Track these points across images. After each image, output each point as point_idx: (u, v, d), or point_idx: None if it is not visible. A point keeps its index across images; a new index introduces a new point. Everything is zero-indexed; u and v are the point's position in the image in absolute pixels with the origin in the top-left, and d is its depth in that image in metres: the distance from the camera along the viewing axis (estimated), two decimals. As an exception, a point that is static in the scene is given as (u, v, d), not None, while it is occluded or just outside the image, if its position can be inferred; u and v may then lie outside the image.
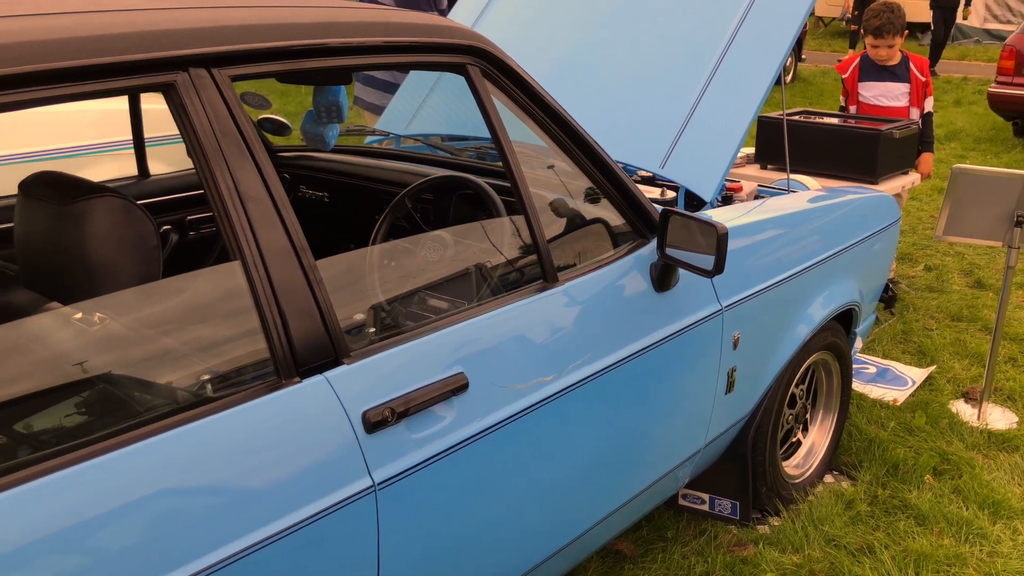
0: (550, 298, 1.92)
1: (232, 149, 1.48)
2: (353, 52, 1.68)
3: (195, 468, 1.37)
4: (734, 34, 2.73)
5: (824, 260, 2.73)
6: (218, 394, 1.46)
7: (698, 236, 2.04)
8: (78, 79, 1.34)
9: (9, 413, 1.41)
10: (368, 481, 1.54)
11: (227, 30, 1.51)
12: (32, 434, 1.41)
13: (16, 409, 1.41)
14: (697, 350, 2.28)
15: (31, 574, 1.18)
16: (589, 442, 2.00)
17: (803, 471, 2.97)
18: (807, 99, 10.80)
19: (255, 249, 1.47)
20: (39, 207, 1.63)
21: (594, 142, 2.05)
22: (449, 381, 1.67)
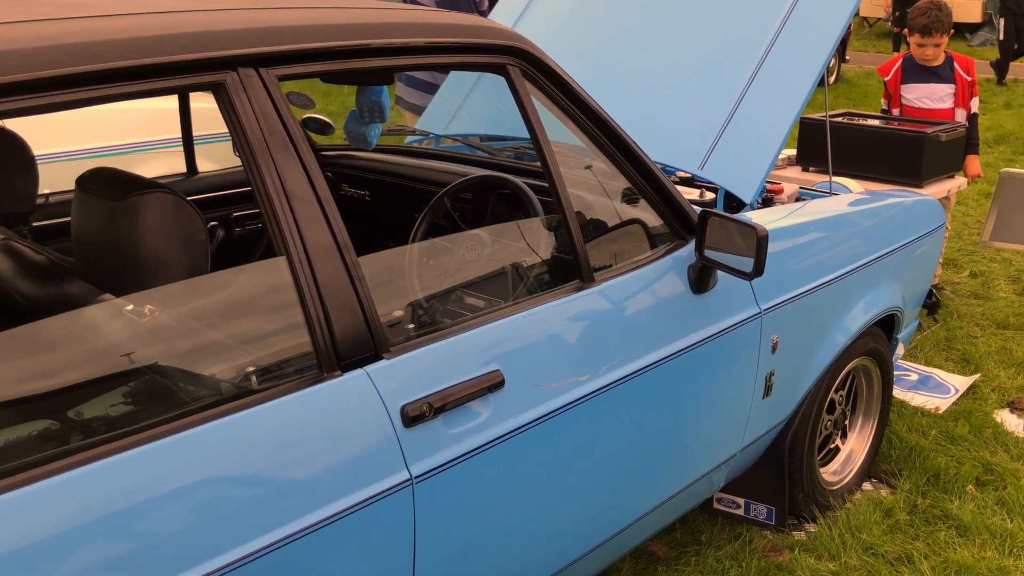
0: (587, 298, 1.93)
1: (279, 147, 1.52)
2: (396, 53, 1.71)
3: (238, 458, 1.40)
4: (777, 34, 2.73)
5: (866, 264, 2.71)
6: (262, 386, 1.50)
7: (737, 238, 2.04)
8: (133, 78, 1.38)
9: (62, 400, 1.46)
10: (406, 474, 1.57)
11: (275, 31, 1.54)
12: (82, 421, 1.46)
13: (68, 396, 1.46)
14: (734, 353, 2.28)
15: (78, 557, 1.22)
16: (623, 443, 2.01)
17: (841, 477, 2.95)
18: (851, 101, 10.68)
19: (300, 245, 1.50)
20: (94, 202, 1.68)
21: (633, 143, 2.06)
22: (485, 378, 1.70)
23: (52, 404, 1.45)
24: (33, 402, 1.46)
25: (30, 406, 1.44)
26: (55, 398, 1.46)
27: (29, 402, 1.46)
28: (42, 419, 1.43)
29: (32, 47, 1.29)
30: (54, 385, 1.47)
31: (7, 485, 1.19)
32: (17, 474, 1.21)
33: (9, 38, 1.28)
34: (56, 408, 1.44)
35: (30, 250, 2.12)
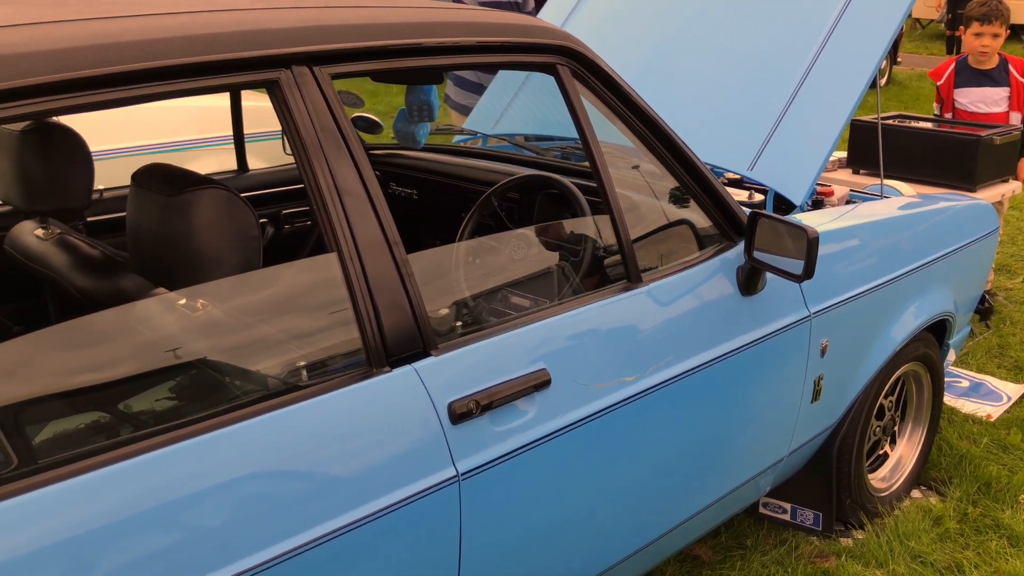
0: (634, 298, 1.93)
1: (331, 145, 1.53)
2: (447, 52, 1.71)
3: (287, 452, 1.42)
4: (829, 34, 2.69)
5: (917, 268, 2.67)
6: (312, 380, 1.51)
7: (787, 240, 2.02)
8: (189, 76, 1.40)
9: (114, 392, 1.49)
10: (452, 471, 1.58)
11: (328, 29, 1.56)
12: (134, 413, 1.48)
13: (121, 388, 1.49)
14: (783, 356, 2.25)
15: (126, 547, 1.24)
16: (669, 445, 2.00)
17: (889, 484, 2.90)
18: (902, 103, 10.51)
19: (351, 242, 1.51)
20: (149, 197, 1.71)
21: (682, 143, 2.05)
22: (532, 377, 1.70)
23: (104, 396, 1.48)
24: (86, 393, 1.48)
25: (83, 397, 1.47)
26: (107, 390, 1.48)
27: (82, 393, 1.48)
28: (94, 410, 1.46)
29: (90, 45, 1.31)
30: (107, 377, 1.50)
31: (59, 475, 1.21)
32: (68, 464, 1.23)
33: (68, 36, 1.31)
34: (108, 400, 1.47)
35: (85, 244, 2.17)
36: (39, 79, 1.25)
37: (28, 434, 1.40)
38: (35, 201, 2.13)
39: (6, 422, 1.38)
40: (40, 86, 1.26)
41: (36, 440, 1.38)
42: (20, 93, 1.24)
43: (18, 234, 2.31)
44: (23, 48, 1.25)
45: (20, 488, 1.18)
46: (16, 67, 1.23)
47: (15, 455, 1.33)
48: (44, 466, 1.23)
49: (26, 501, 1.18)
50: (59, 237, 2.22)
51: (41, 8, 1.41)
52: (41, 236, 2.24)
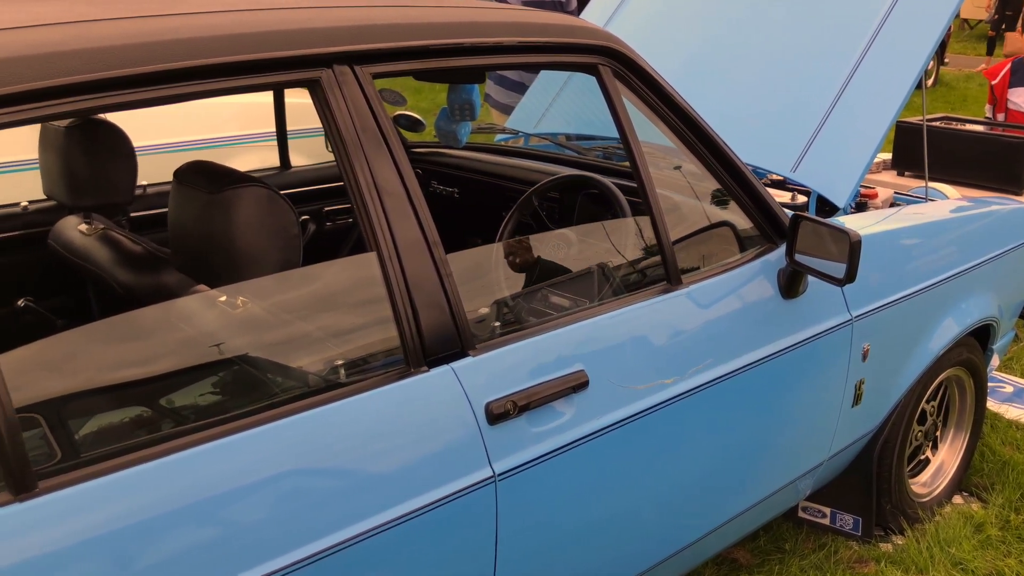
0: (673, 300, 1.91)
1: (371, 144, 1.54)
2: (489, 52, 1.71)
3: (324, 450, 1.42)
4: (875, 34, 2.65)
5: (962, 272, 2.62)
6: (350, 379, 1.52)
7: (829, 243, 2.00)
8: (231, 74, 1.41)
9: (155, 388, 1.51)
10: (489, 472, 1.57)
11: (370, 29, 1.56)
12: (173, 409, 1.50)
13: (160, 384, 1.50)
14: (824, 360, 2.23)
15: (165, 543, 1.25)
16: (708, 448, 1.99)
17: (931, 490, 2.86)
18: (949, 104, 10.35)
19: (390, 241, 1.52)
20: (190, 194, 1.73)
21: (725, 145, 2.03)
22: (570, 378, 1.69)
23: (144, 392, 1.49)
24: (126, 389, 1.50)
25: (123, 393, 1.48)
26: (147, 386, 1.50)
27: (122, 389, 1.50)
28: (134, 406, 1.48)
29: (133, 43, 1.32)
30: (147, 373, 1.52)
31: (99, 471, 1.23)
32: (109, 460, 1.24)
33: (111, 34, 1.32)
34: (148, 396, 1.48)
35: (128, 240, 2.19)
36: (83, 77, 1.26)
37: (70, 428, 1.42)
38: (80, 196, 2.16)
39: (49, 416, 1.40)
40: (84, 84, 1.27)
41: (78, 434, 1.40)
42: (65, 91, 1.25)
43: (62, 229, 2.35)
44: (67, 46, 1.27)
45: (62, 483, 1.20)
46: (61, 65, 1.25)
47: (58, 449, 1.35)
48: (86, 461, 1.25)
49: (68, 495, 1.19)
50: (102, 233, 2.25)
51: (86, 6, 1.43)
52: (85, 232, 2.27)
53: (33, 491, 1.17)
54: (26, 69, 1.21)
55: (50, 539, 1.17)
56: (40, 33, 1.28)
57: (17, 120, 1.21)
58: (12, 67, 1.21)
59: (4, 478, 1.16)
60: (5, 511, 1.15)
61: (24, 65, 1.21)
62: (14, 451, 1.16)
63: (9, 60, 1.21)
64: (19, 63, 1.21)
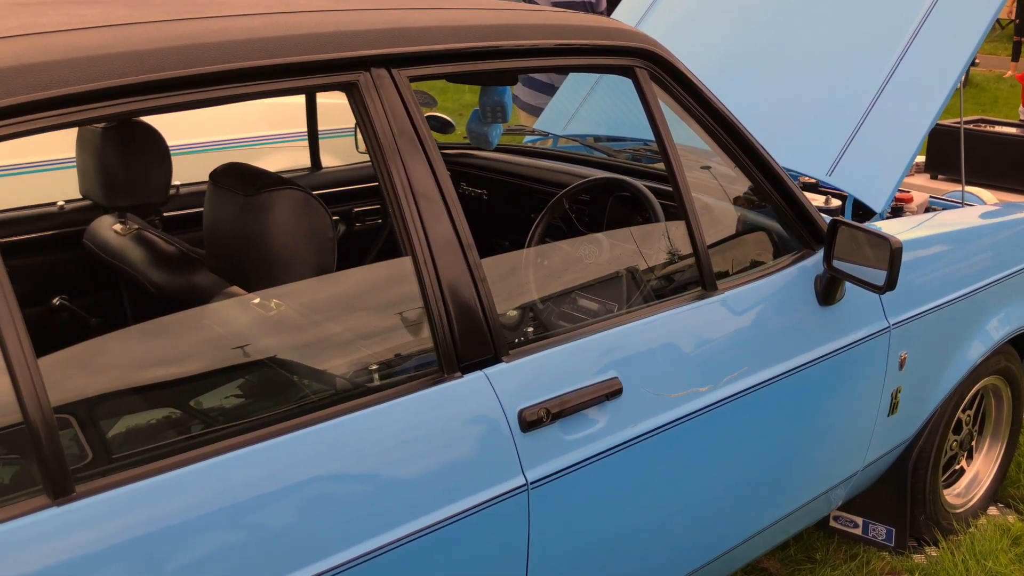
0: (709, 306, 1.89)
1: (408, 147, 1.52)
2: (525, 54, 1.69)
3: (358, 455, 1.41)
4: (913, 36, 2.61)
5: (1000, 280, 2.58)
6: (383, 384, 1.51)
7: (868, 249, 1.96)
8: (268, 77, 1.40)
9: (187, 391, 1.50)
10: (521, 480, 1.56)
11: (407, 31, 1.55)
12: (204, 412, 1.49)
13: (193, 387, 1.50)
14: (860, 369, 2.19)
15: (193, 548, 1.24)
16: (742, 457, 1.96)
17: (965, 501, 2.81)
18: (980, 106, 10.21)
19: (425, 245, 1.50)
20: (226, 196, 1.72)
21: (762, 149, 2.00)
22: (603, 385, 1.67)
23: (175, 394, 1.49)
24: (159, 391, 1.50)
25: (156, 395, 1.48)
26: (180, 388, 1.50)
27: (155, 391, 1.49)
28: (167, 408, 1.47)
29: (172, 46, 1.32)
30: (179, 375, 1.51)
31: (136, 475, 1.22)
32: (140, 464, 1.24)
33: (151, 38, 1.31)
34: (179, 398, 1.48)
35: (161, 240, 2.20)
36: (124, 80, 1.26)
37: (103, 430, 1.41)
38: (115, 196, 2.17)
39: (82, 417, 1.40)
40: (125, 87, 1.27)
41: (110, 435, 1.40)
42: (107, 94, 1.25)
43: (97, 229, 2.36)
44: (109, 49, 1.27)
45: (98, 487, 1.19)
46: (103, 68, 1.24)
47: (91, 451, 1.35)
48: (120, 465, 1.25)
49: (105, 499, 1.19)
50: (136, 233, 2.25)
51: (127, 9, 1.43)
52: (119, 231, 2.28)
53: (71, 495, 1.17)
54: (71, 72, 1.21)
55: (85, 543, 1.17)
56: (85, 36, 1.28)
57: (63, 123, 1.21)
58: (59, 70, 1.20)
59: (42, 481, 1.16)
60: (44, 515, 1.15)
61: (70, 68, 1.21)
62: (52, 454, 1.15)
63: (56, 63, 1.21)
64: (66, 66, 1.21)
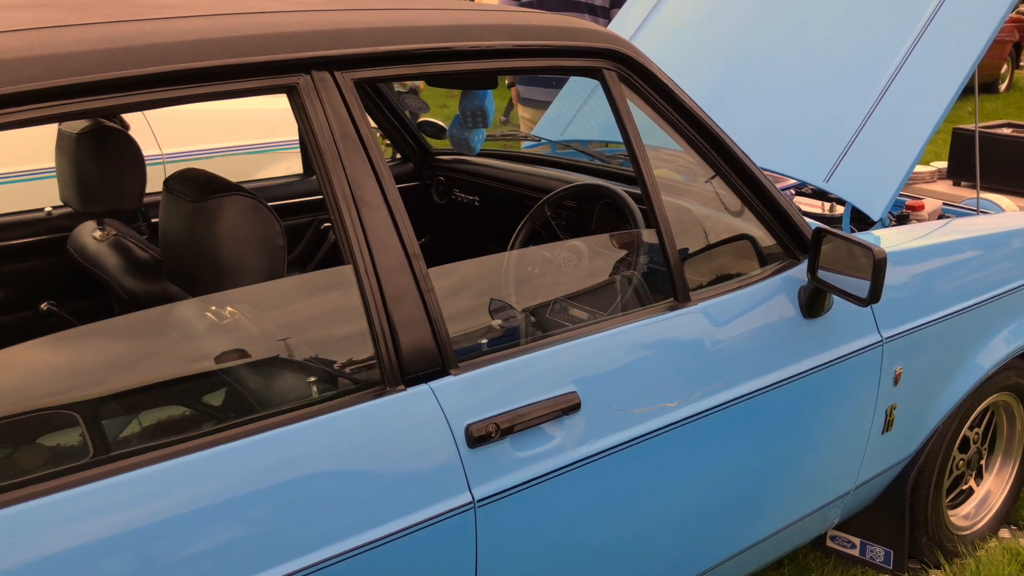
0: (680, 318, 1.81)
1: (350, 153, 1.48)
2: (481, 56, 1.64)
3: (292, 470, 1.36)
4: (917, 40, 2.51)
5: (1010, 291, 2.46)
6: (322, 396, 1.46)
7: (854, 259, 1.88)
8: (202, 80, 1.37)
9: (123, 401, 1.47)
10: (467, 497, 1.50)
11: (352, 32, 1.50)
12: (141, 423, 1.46)
13: (128, 399, 1.46)
14: (849, 385, 2.10)
15: (127, 563, 1.21)
16: (714, 477, 1.88)
17: (973, 523, 2.69)
18: (1022, 110, 9.94)
19: (367, 254, 1.45)
20: (177, 203, 1.69)
21: (740, 152, 1.92)
22: (560, 400, 1.60)
23: (111, 404, 1.46)
24: (95, 401, 1.46)
25: (92, 405, 1.44)
26: (115, 398, 1.46)
27: (92, 400, 1.46)
28: (98, 419, 1.43)
29: (98, 49, 1.28)
30: (115, 385, 1.48)
31: (47, 488, 1.18)
32: (65, 476, 1.20)
33: (76, 40, 1.28)
34: (106, 409, 1.44)
35: (137, 247, 2.18)
36: (43, 84, 1.23)
37: (36, 441, 1.38)
38: (89, 203, 2.15)
39: (20, 429, 1.37)
40: (44, 91, 1.24)
41: (35, 446, 1.36)
42: (24, 98, 1.22)
43: (78, 235, 2.36)
44: (29, 52, 1.24)
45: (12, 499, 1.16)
46: (18, 72, 1.21)
47: (21, 463, 1.32)
48: (42, 476, 1.21)
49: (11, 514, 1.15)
50: (114, 239, 2.24)
51: (63, 12, 1.40)
52: (98, 238, 2.27)
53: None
54: None
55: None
56: (7, 39, 1.25)
57: None
58: None
59: None
60: None
61: None
62: None
63: None
64: None
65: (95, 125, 2.09)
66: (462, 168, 3.01)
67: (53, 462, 1.30)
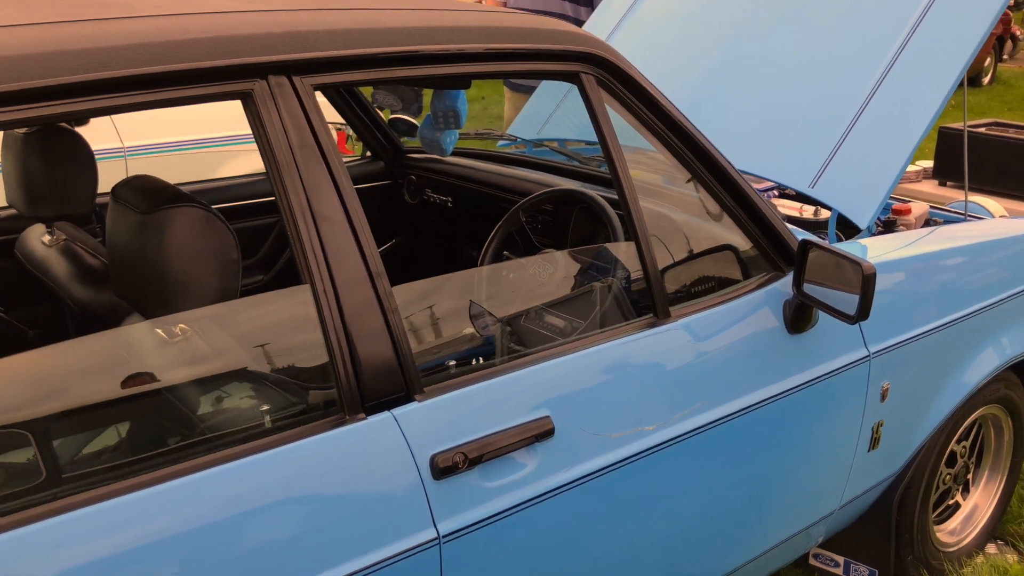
0: (659, 336, 1.72)
1: (309, 163, 1.38)
2: (452, 60, 1.54)
3: (244, 508, 1.27)
4: (906, 40, 2.42)
5: (999, 302, 2.39)
6: (275, 427, 1.36)
7: (841, 274, 1.79)
8: (147, 87, 1.26)
9: (64, 428, 1.36)
10: (432, 533, 1.41)
11: (311, 35, 1.40)
12: (85, 455, 1.36)
13: (59, 425, 1.36)
14: (835, 402, 2.01)
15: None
16: (695, 502, 1.79)
17: (960, 538, 2.62)
18: (1006, 104, 9.93)
19: (326, 272, 1.36)
20: (124, 213, 1.58)
21: (724, 161, 1.83)
22: (532, 425, 1.51)
23: (53, 433, 1.36)
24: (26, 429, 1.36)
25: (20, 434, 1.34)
26: (55, 426, 1.36)
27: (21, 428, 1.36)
28: (35, 448, 1.33)
29: (34, 53, 1.18)
30: (54, 411, 1.38)
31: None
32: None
33: (9, 43, 1.18)
34: (40, 438, 1.34)
35: (88, 254, 2.06)
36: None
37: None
38: (35, 206, 2.04)
39: None
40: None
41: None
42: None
43: (26, 238, 2.24)
44: None
45: None
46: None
47: None
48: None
49: None
50: (64, 245, 2.12)
51: (10, 10, 1.29)
52: (46, 242, 2.15)
53: None
54: None
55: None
56: None
57: None
58: None
59: None
60: None
61: None
62: None
63: None
64: None
65: (43, 124, 1.97)
66: (435, 167, 2.91)
67: None
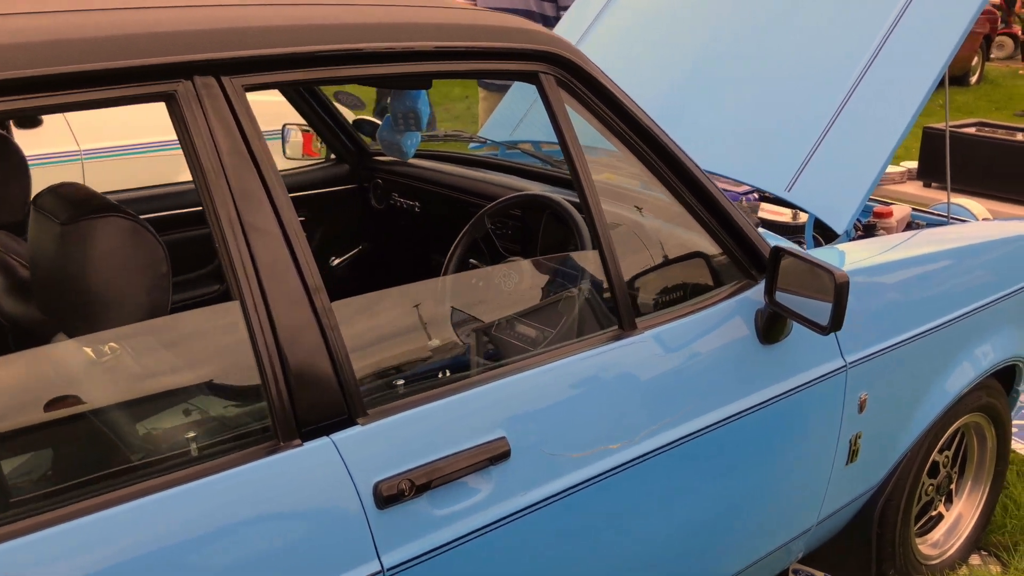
0: (623, 349, 1.63)
1: (238, 170, 1.28)
2: (398, 59, 1.44)
3: (169, 544, 1.17)
4: (884, 40, 2.34)
5: (981, 308, 2.31)
6: (203, 455, 1.27)
7: (814, 282, 1.71)
8: (56, 89, 1.16)
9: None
10: (376, 566, 1.31)
11: (242, 32, 1.30)
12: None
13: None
14: (810, 415, 1.93)
15: None
16: (664, 523, 1.70)
17: (943, 550, 2.54)
18: (993, 103, 9.88)
19: (256, 287, 1.26)
20: (46, 224, 1.48)
21: (690, 163, 1.74)
22: (486, 448, 1.42)
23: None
24: None
25: None
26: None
27: None
28: None
29: None
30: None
31: None
32: None
33: None
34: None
35: (20, 265, 1.95)
36: None
37: None
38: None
39: None
40: None
41: None
42: None
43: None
44: None
45: None
46: None
47: None
48: None
49: None
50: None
51: None
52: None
53: None
54: None
55: None
56: None
57: None
58: None
59: None
60: None
61: None
62: None
63: None
64: None
65: None
66: (402, 171, 2.81)
67: None
